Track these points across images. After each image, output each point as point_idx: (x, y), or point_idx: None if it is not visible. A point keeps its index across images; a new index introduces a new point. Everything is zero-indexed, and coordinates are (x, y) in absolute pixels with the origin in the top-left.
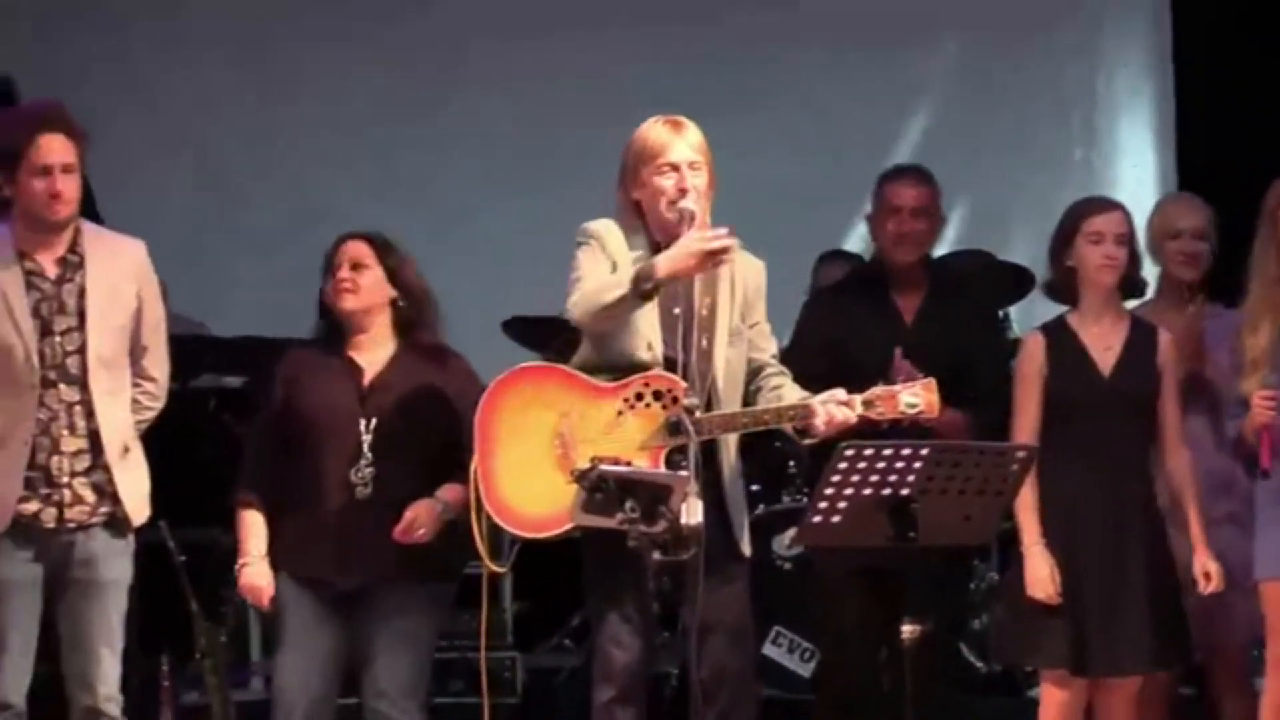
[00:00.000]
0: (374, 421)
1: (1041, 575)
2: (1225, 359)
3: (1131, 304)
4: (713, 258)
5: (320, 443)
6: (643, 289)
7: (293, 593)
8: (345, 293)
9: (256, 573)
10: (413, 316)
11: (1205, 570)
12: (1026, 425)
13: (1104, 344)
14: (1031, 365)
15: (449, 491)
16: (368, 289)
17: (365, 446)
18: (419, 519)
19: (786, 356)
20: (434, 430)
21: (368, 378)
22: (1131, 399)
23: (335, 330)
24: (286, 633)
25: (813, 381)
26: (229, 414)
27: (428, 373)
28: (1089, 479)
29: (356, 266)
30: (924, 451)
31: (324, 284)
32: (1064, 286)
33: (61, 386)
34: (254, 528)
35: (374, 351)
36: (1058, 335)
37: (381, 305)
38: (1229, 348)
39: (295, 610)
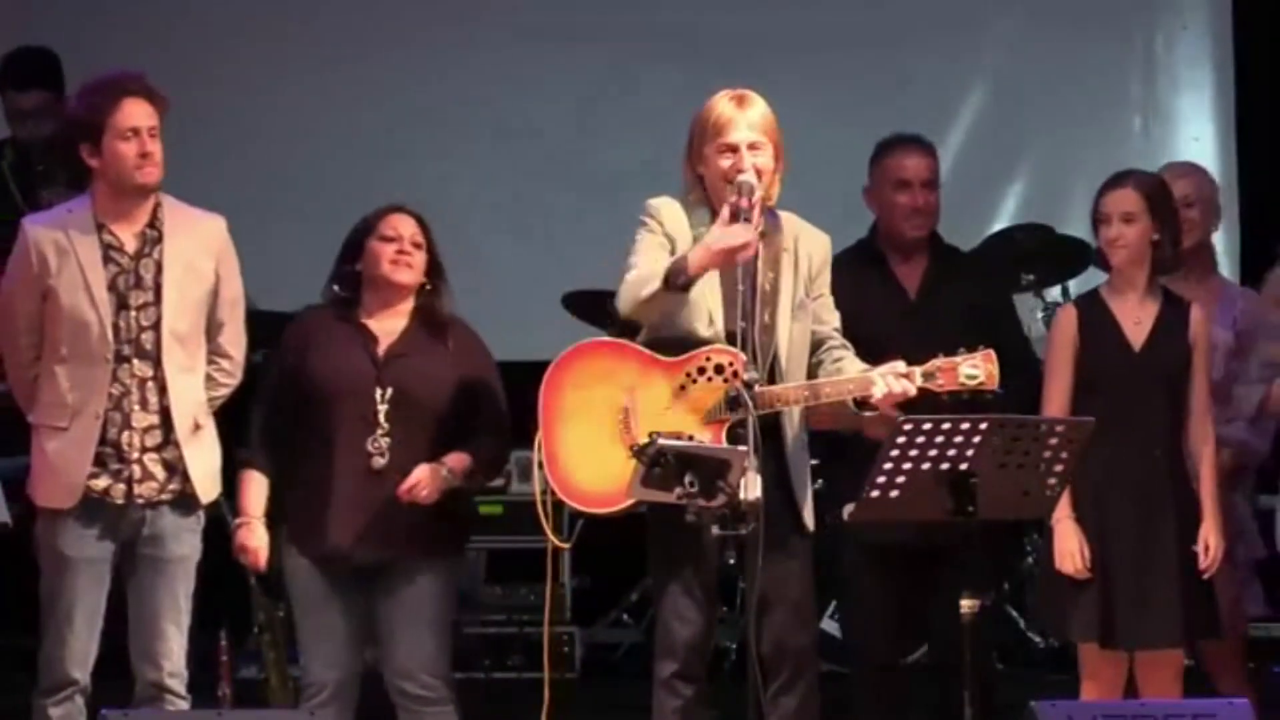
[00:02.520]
0: (390, 391)
1: (1070, 548)
2: (1224, 332)
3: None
4: (735, 253)
5: (334, 410)
6: (677, 284)
7: (308, 570)
8: (405, 266)
9: (253, 533)
10: (435, 297)
11: (1206, 543)
12: (1057, 397)
13: (1135, 318)
14: (1063, 337)
15: (454, 458)
16: (420, 267)
17: (382, 416)
18: (422, 480)
19: None
20: (448, 401)
21: (383, 346)
22: (1162, 373)
23: (351, 297)
24: (306, 612)
25: None
26: None
27: (440, 343)
28: (1119, 452)
29: (415, 243)
30: (983, 425)
31: (363, 248)
32: (1103, 261)
33: (135, 362)
34: (255, 488)
35: (389, 321)
36: (1090, 308)
37: (419, 284)
38: (1231, 319)
39: (311, 589)
